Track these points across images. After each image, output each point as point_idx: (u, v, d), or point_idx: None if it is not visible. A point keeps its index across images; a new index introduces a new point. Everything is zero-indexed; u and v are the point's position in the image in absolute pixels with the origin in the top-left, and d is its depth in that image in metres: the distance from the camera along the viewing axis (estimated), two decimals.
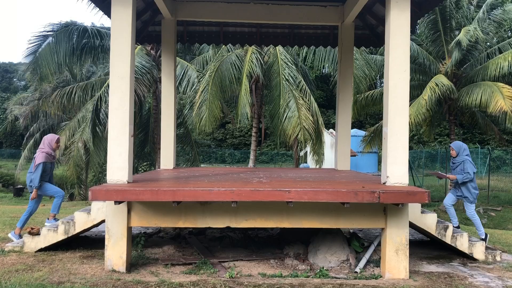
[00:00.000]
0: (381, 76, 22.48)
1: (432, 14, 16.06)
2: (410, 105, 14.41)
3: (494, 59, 15.71)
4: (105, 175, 5.81)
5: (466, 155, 6.89)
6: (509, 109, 13.45)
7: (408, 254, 5.40)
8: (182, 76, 16.92)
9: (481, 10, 16.36)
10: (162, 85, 8.77)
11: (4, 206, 14.94)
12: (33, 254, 5.96)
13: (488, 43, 18.87)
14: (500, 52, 16.27)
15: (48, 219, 6.72)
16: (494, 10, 16.50)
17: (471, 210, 6.86)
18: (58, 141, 6.80)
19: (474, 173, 6.76)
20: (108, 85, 12.37)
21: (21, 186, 25.07)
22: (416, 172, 27.65)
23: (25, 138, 25.51)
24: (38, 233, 6.16)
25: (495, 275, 5.58)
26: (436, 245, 6.92)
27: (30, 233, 6.14)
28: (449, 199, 7.06)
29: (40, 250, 6.09)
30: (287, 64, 15.88)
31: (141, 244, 6.21)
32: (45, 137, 6.82)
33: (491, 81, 15.09)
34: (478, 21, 16.07)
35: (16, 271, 5.12)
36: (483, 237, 6.72)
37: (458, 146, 7.03)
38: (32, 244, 6.11)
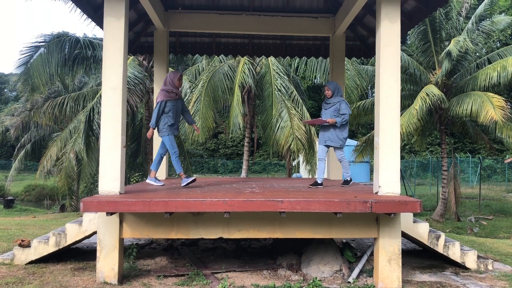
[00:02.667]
0: (372, 86, 22.66)
1: (422, 25, 16.28)
2: (401, 115, 14.52)
3: (484, 69, 15.93)
4: (97, 186, 5.78)
5: (341, 95, 6.76)
6: (500, 118, 13.61)
7: (400, 264, 5.41)
8: None
9: (470, 21, 16.63)
10: (155, 96, 8.76)
11: None
12: (24, 266, 5.89)
13: (477, 54, 19.14)
14: (489, 63, 16.50)
15: (181, 178, 6.64)
16: (482, 21, 16.76)
17: (341, 154, 6.78)
18: (180, 78, 6.60)
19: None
20: (100, 96, 12.36)
21: (11, 198, 24.82)
22: (408, 181, 27.79)
23: (16, 149, 25.33)
24: (28, 245, 6.09)
25: (487, 284, 5.60)
26: (429, 254, 6.93)
27: (20, 245, 6.07)
28: (323, 151, 6.82)
29: (31, 262, 6.01)
30: (279, 75, 15.97)
31: (133, 256, 6.16)
32: (168, 74, 6.67)
33: (481, 91, 15.28)
34: (467, 32, 16.32)
35: (6, 284, 5.05)
36: (349, 179, 6.89)
37: (334, 86, 6.75)
38: (23, 256, 6.04)
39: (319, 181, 6.75)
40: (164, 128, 6.51)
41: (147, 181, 6.84)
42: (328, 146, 6.81)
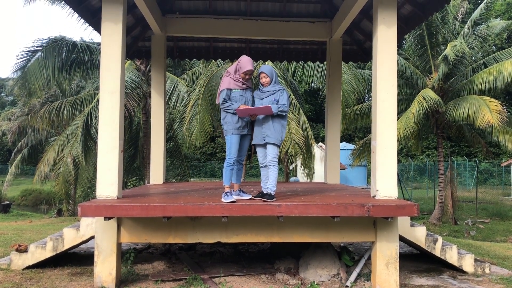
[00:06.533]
0: (369, 90, 22.72)
1: (418, 29, 16.35)
2: (398, 119, 14.58)
3: (480, 73, 16.00)
4: (94, 190, 5.76)
5: (279, 83, 5.58)
6: (496, 122, 13.66)
7: (398, 267, 5.41)
8: (172, 90, 16.96)
9: (466, 26, 16.72)
10: (152, 100, 8.77)
11: None
12: (21, 271, 5.87)
13: (473, 58, 19.22)
14: (485, 67, 16.58)
15: (232, 190, 5.41)
16: (478, 26, 16.85)
17: (274, 154, 5.37)
18: (248, 72, 5.35)
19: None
20: (98, 100, 12.35)
21: (8, 203, 24.69)
22: (405, 185, 27.82)
23: (12, 154, 25.24)
24: (25, 250, 6.07)
25: None
26: (426, 258, 6.94)
27: (17, 250, 6.05)
28: (264, 154, 5.51)
29: (28, 267, 6.00)
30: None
31: (131, 260, 6.15)
32: (241, 57, 5.47)
33: (478, 95, 15.34)
34: (463, 36, 16.41)
35: None
36: (273, 193, 5.32)
37: (271, 71, 5.51)
38: (20, 261, 6.02)
39: (272, 192, 5.35)
40: (225, 125, 5.41)
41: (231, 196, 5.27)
42: (265, 145, 5.42)
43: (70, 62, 14.80)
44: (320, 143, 24.43)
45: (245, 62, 5.38)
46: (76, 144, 15.64)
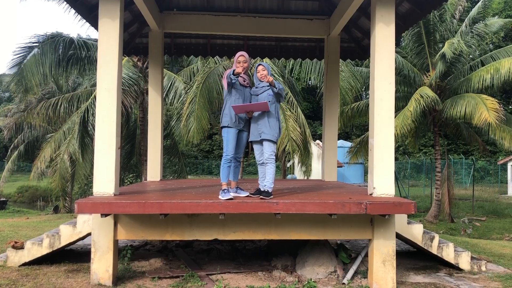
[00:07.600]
0: (367, 88, 22.72)
1: (416, 27, 16.34)
2: (395, 117, 14.57)
3: (477, 71, 16.02)
4: (91, 187, 5.75)
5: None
6: (493, 120, 13.68)
7: (395, 265, 5.42)
8: (169, 87, 16.92)
9: (464, 24, 16.72)
10: (149, 97, 8.76)
11: None
12: (17, 268, 5.85)
13: (470, 56, 19.24)
14: (483, 65, 16.60)
15: (229, 188, 5.41)
16: (476, 24, 16.86)
17: (271, 151, 5.39)
18: (241, 59, 5.33)
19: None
20: (94, 97, 12.30)
21: (4, 199, 24.63)
22: (402, 183, 27.88)
23: (9, 150, 25.15)
24: (22, 247, 6.05)
25: (481, 285, 5.63)
26: (423, 255, 6.96)
27: (13, 247, 6.03)
28: (261, 152, 5.54)
29: (24, 264, 5.98)
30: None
31: (128, 257, 6.14)
32: None
33: (475, 93, 15.37)
34: (461, 34, 16.42)
35: None
36: (270, 190, 5.28)
37: (268, 66, 5.53)
38: (16, 258, 6.00)
39: (269, 190, 5.31)
40: (224, 117, 5.42)
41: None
42: (262, 142, 5.45)
43: (67, 59, 14.75)
44: (318, 141, 24.44)
45: (237, 53, 5.50)
46: (73, 140, 15.60)
